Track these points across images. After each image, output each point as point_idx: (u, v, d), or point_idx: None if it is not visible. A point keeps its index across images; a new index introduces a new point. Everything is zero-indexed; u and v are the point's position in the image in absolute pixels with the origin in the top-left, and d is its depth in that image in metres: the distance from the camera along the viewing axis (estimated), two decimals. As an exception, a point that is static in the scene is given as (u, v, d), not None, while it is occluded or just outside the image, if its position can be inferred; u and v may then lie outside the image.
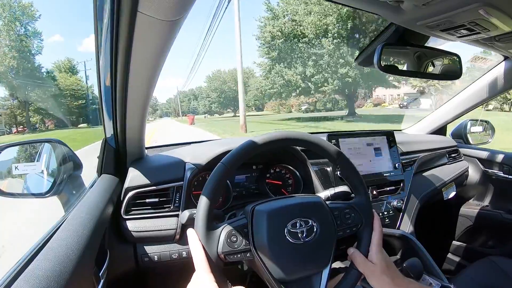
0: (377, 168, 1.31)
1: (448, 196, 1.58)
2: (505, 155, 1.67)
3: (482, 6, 0.66)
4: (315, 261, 0.68)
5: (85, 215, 0.70)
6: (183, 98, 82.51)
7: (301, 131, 0.88)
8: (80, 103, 34.53)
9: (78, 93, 34.52)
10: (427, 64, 1.07)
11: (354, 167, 0.78)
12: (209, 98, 59.46)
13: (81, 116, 36.35)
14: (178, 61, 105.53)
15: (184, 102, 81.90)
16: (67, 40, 53.68)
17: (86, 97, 35.01)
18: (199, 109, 71.73)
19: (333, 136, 1.25)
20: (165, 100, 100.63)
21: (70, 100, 33.52)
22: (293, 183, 1.25)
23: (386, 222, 1.28)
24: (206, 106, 63.27)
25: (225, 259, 0.63)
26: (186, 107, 79.99)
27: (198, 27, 34.56)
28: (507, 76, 1.44)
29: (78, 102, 34.25)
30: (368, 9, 0.79)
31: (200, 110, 71.24)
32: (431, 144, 1.65)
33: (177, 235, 0.98)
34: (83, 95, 35.10)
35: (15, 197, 0.97)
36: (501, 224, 1.63)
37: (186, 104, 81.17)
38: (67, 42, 53.41)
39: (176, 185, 1.00)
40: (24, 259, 0.59)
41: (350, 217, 0.75)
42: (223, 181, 0.68)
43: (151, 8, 0.46)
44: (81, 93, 35.00)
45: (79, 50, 67.80)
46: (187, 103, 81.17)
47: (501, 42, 0.94)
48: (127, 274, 0.99)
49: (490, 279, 1.24)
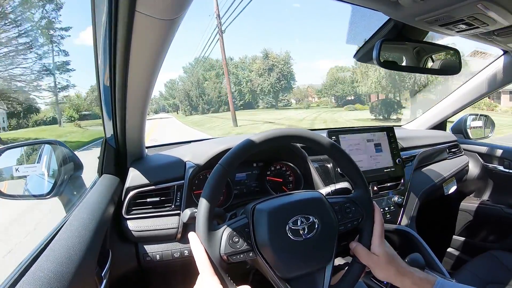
0: (377, 164, 1.31)
1: (448, 191, 1.59)
2: (505, 150, 1.67)
3: (480, 1, 0.66)
4: (317, 257, 0.68)
5: (86, 216, 0.71)
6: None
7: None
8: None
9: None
10: (426, 59, 1.07)
11: (352, 161, 0.78)
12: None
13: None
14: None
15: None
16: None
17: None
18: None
19: (333, 133, 1.25)
20: (164, 83, 65.90)
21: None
22: (293, 180, 1.25)
23: (387, 218, 1.28)
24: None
25: (228, 260, 0.63)
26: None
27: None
28: (506, 70, 1.44)
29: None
30: (366, 5, 0.79)
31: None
32: (431, 139, 1.65)
33: (178, 234, 0.98)
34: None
35: (16, 198, 0.97)
36: (502, 219, 1.63)
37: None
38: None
39: (177, 184, 1.00)
40: (26, 260, 0.59)
41: (351, 211, 0.75)
42: (222, 182, 0.68)
43: (149, 7, 0.46)
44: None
45: (76, 43, 65.22)
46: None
47: (500, 36, 0.94)
48: (129, 274, 1.00)
49: (492, 273, 1.24)
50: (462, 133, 1.88)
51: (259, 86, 44.84)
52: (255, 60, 46.40)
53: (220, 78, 49.05)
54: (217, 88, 47.71)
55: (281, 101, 46.91)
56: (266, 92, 45.29)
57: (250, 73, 46.86)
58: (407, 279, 0.69)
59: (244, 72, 48.49)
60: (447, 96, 1.77)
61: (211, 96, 48.25)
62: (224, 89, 45.89)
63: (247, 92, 47.31)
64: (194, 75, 50.51)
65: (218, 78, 49.08)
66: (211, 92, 48.27)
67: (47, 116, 29.75)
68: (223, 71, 45.84)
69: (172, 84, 63.46)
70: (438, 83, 19.01)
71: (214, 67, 50.30)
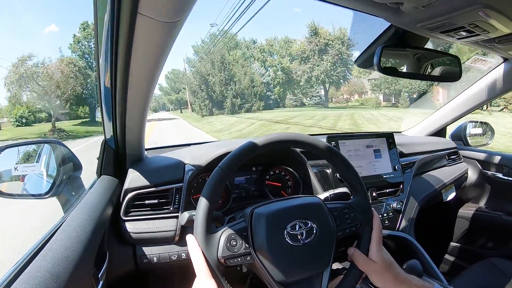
0: (376, 170, 1.31)
1: (447, 198, 1.59)
2: (504, 157, 1.67)
3: (482, 8, 0.67)
4: (315, 262, 0.68)
5: (84, 216, 0.70)
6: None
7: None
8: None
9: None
10: (426, 66, 1.07)
11: (352, 167, 0.78)
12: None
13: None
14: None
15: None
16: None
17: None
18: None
19: (333, 138, 1.25)
20: (165, 74, 50.64)
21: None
22: (292, 185, 1.25)
23: (386, 224, 1.28)
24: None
25: (225, 264, 0.63)
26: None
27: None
28: (506, 78, 1.45)
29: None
30: (367, 11, 0.79)
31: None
32: (431, 146, 1.65)
33: (176, 237, 0.98)
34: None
35: (14, 197, 0.97)
36: (501, 226, 1.63)
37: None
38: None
39: (176, 187, 1.00)
40: (23, 260, 0.59)
41: (349, 217, 0.75)
42: (221, 185, 0.68)
43: (151, 9, 0.46)
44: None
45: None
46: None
47: (500, 44, 0.94)
48: (126, 276, 0.99)
49: (490, 281, 1.24)
50: (462, 140, 1.88)
51: (303, 74, 32.46)
52: (295, 41, 34.03)
53: (248, 61, 35.30)
54: (248, 74, 32.03)
55: (312, 98, 34.94)
56: (313, 83, 32.65)
57: (282, 59, 34.65)
58: (404, 287, 0.69)
59: (273, 58, 36.15)
60: (448, 103, 1.77)
61: (243, 85, 31.31)
62: (256, 76, 32.86)
63: (277, 84, 34.97)
64: (216, 52, 32.71)
65: (247, 61, 35.12)
66: (241, 77, 31.53)
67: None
68: (252, 52, 34.31)
69: (176, 75, 49.30)
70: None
71: (239, 46, 36.66)
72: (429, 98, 22.73)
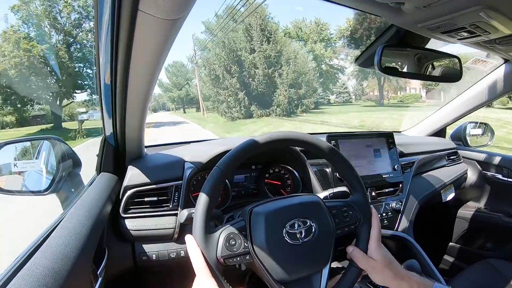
0: (376, 170, 1.31)
1: (446, 198, 1.59)
2: (504, 158, 1.67)
3: (483, 9, 0.66)
4: (314, 261, 0.68)
5: (83, 213, 0.70)
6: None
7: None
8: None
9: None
10: (427, 66, 1.07)
11: (351, 165, 0.78)
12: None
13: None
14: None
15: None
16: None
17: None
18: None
19: (333, 137, 1.25)
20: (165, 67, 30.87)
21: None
22: (292, 183, 1.25)
23: (385, 224, 1.28)
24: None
25: (225, 263, 0.63)
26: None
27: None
28: (507, 79, 1.44)
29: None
30: (368, 11, 0.79)
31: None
32: (431, 146, 1.65)
33: (175, 234, 0.98)
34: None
35: (14, 194, 0.97)
36: (499, 227, 1.63)
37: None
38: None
39: (175, 184, 1.00)
40: (22, 256, 0.59)
41: (348, 215, 0.75)
42: (220, 184, 0.68)
43: (151, 6, 0.46)
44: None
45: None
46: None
47: (501, 45, 0.94)
48: (125, 273, 0.99)
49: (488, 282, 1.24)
50: (462, 141, 1.88)
51: (351, 64, 25.26)
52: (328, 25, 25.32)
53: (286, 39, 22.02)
54: (301, 55, 21.20)
55: (339, 95, 28.54)
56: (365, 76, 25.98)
57: (314, 44, 26.41)
58: (404, 283, 0.69)
59: (300, 43, 26.51)
60: (448, 103, 1.77)
61: (299, 69, 19.52)
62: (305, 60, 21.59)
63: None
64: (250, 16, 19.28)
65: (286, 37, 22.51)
66: (293, 59, 19.37)
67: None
68: (284, 30, 23.01)
69: (178, 69, 41.00)
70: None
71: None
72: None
